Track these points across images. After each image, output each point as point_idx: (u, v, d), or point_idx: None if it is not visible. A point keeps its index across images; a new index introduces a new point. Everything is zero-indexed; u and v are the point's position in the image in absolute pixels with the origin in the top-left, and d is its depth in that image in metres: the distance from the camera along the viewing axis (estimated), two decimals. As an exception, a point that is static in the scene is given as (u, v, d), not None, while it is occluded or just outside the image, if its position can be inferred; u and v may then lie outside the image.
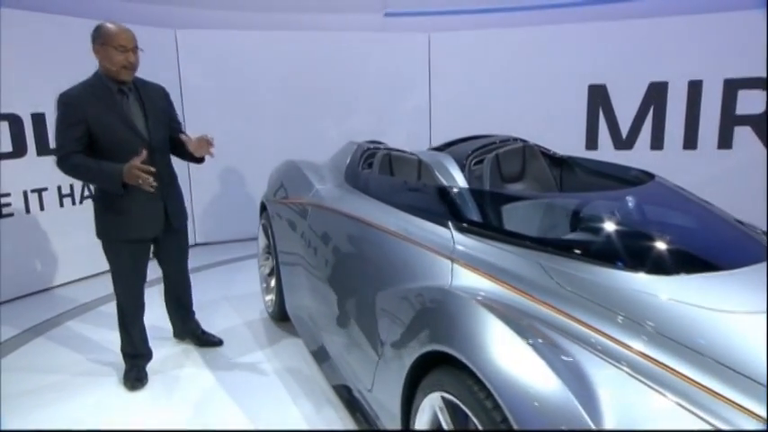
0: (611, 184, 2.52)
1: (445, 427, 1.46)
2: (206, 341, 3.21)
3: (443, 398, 1.43)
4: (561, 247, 1.65)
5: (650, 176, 2.32)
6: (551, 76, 5.48)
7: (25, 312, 3.88)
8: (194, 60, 5.20)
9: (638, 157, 5.24)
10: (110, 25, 2.49)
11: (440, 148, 3.39)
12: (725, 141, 5.19)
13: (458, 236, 1.86)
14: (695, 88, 5.17)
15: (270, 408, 2.54)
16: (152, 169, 2.40)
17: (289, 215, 3.08)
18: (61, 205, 4.37)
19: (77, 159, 2.44)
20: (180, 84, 5.13)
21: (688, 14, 5.12)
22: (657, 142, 5.35)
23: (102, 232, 2.66)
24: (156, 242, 2.80)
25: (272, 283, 3.54)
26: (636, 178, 2.39)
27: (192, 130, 4.76)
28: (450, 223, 1.93)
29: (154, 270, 2.93)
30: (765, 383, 1.10)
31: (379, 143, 3.43)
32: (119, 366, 2.93)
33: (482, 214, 1.99)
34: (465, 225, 1.89)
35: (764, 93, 5.02)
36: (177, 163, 2.89)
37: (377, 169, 2.85)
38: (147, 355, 2.90)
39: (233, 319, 3.62)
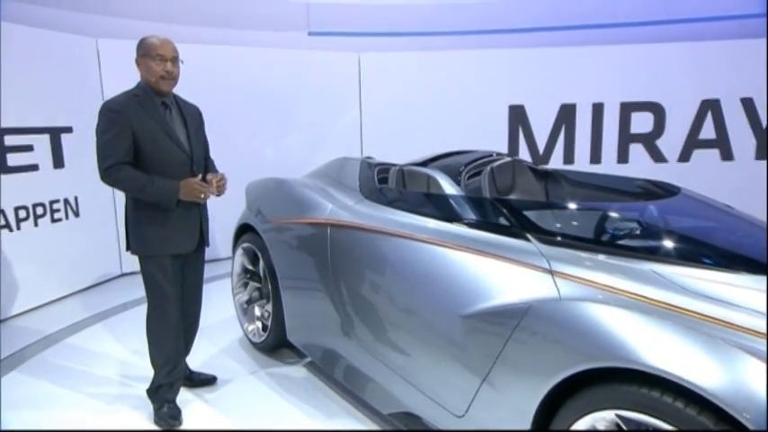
0: (626, 195, 2.73)
1: None
2: (198, 381, 2.92)
3: (618, 415, 1.45)
4: (669, 254, 1.76)
5: (658, 186, 2.61)
6: (476, 97, 5.86)
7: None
8: (118, 72, 4.71)
9: (555, 171, 5.80)
10: (151, 37, 2.47)
11: (422, 164, 3.47)
12: (623, 156, 5.97)
13: (544, 248, 1.88)
14: (598, 110, 5.88)
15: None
16: (211, 187, 2.45)
17: (295, 236, 2.92)
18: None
19: (128, 171, 2.33)
20: (102, 96, 4.63)
21: (591, 45, 5.83)
22: (569, 157, 5.98)
23: (143, 247, 2.47)
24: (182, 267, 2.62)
25: (257, 310, 3.33)
26: (651, 189, 2.62)
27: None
28: (528, 235, 1.96)
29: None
30: None
31: (371, 158, 3.41)
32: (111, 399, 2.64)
33: (561, 225, 2.08)
34: (550, 237, 1.94)
35: (652, 115, 5.89)
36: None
37: (393, 184, 2.85)
38: (182, 377, 2.69)
39: (213, 353, 3.33)
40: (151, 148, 2.38)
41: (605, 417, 1.49)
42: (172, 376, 2.58)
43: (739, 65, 5.72)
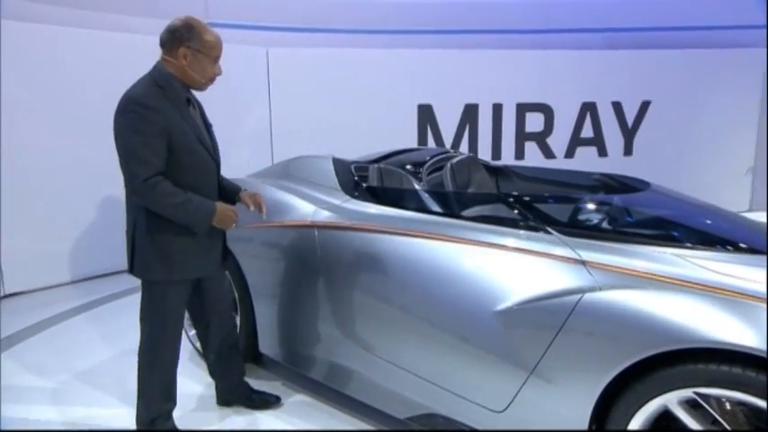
0: (589, 189, 2.94)
1: (690, 423, 1.58)
2: (262, 402, 2.61)
3: (696, 392, 1.55)
4: (683, 240, 1.95)
5: (617, 179, 2.87)
6: (386, 96, 5.92)
7: None
8: (19, 59, 4.08)
9: (462, 167, 6.09)
10: (208, 30, 2.10)
11: (374, 162, 3.43)
12: (520, 154, 6.46)
13: (568, 239, 1.95)
14: (497, 110, 6.29)
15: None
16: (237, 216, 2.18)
17: (272, 241, 2.70)
18: None
19: (168, 186, 1.96)
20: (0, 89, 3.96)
21: (492, 49, 6.21)
22: (473, 154, 6.29)
23: (167, 271, 2.09)
24: (201, 281, 2.30)
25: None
26: (611, 183, 2.86)
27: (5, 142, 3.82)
28: (548, 228, 2.03)
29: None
30: None
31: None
32: None
33: (573, 217, 2.19)
34: (569, 229, 2.02)
35: (543, 115, 6.44)
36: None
37: (374, 183, 2.78)
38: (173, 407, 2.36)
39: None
40: (184, 154, 2.02)
41: (680, 395, 1.59)
42: (168, 405, 2.29)
43: (611, 72, 6.49)
